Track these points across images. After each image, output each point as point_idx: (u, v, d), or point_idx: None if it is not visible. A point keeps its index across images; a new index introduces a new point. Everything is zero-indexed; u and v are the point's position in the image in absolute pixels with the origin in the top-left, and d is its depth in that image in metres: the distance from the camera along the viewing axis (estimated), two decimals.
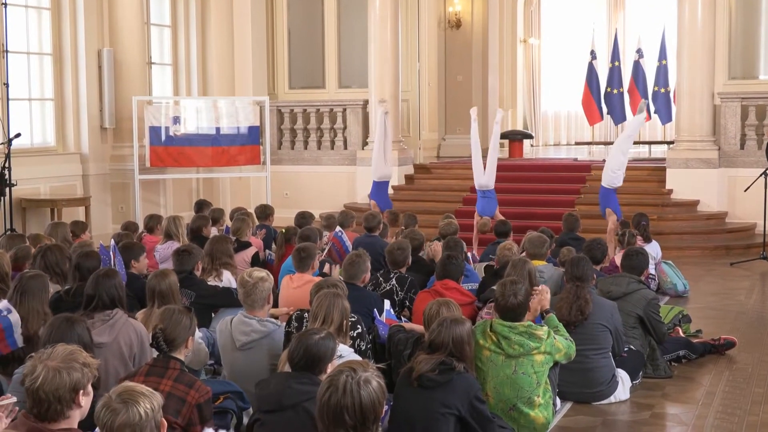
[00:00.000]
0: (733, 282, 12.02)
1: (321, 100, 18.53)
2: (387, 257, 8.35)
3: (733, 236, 14.71)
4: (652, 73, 19.63)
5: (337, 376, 3.68)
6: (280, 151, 18.47)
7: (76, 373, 3.78)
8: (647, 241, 11.22)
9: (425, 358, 5.21)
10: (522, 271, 6.96)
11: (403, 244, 8.48)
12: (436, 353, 5.21)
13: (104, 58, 15.46)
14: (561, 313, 6.73)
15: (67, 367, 3.78)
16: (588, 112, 20.26)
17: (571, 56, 26.32)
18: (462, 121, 20.70)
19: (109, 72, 15.51)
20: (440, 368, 5.15)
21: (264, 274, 6.30)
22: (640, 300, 7.52)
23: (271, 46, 19.16)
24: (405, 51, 18.36)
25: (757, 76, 16.60)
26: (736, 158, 15.44)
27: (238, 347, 6.11)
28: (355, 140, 17.97)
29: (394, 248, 8.34)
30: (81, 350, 3.93)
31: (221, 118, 15.79)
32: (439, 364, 5.16)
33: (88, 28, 15.21)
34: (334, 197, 17.39)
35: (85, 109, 15.27)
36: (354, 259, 7.41)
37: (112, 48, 15.64)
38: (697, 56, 15.34)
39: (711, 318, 9.83)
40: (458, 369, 5.17)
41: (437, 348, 5.23)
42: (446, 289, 7.37)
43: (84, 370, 3.82)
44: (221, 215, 11.68)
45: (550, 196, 16.01)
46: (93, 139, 15.40)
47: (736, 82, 16.19)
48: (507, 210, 14.23)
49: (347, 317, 5.78)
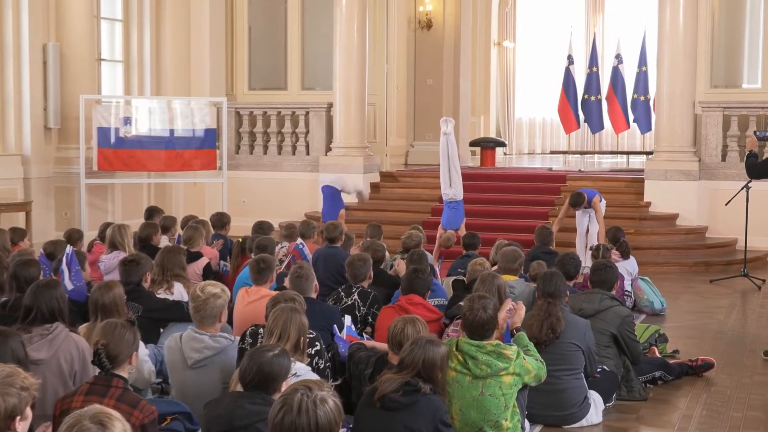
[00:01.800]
0: (713, 300, 12.11)
1: (282, 102, 18.49)
2: (347, 270, 8.33)
3: (713, 252, 14.85)
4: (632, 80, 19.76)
5: (291, 394, 3.64)
6: (238, 155, 18.40)
7: (11, 398, 3.72)
8: (625, 257, 11.28)
9: (390, 378, 5.19)
10: (491, 286, 6.96)
11: (364, 256, 8.46)
12: (403, 373, 5.19)
13: (50, 53, 15.31)
14: (531, 331, 6.73)
15: (2, 392, 3.71)
16: (564, 119, 20.34)
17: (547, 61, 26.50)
18: (432, 127, 20.73)
19: (54, 68, 15.36)
20: (405, 389, 5.13)
21: (218, 290, 6.24)
22: (614, 318, 7.54)
23: (230, 43, 19.10)
24: (372, 52, 18.37)
25: (740, 85, 16.80)
26: (717, 170, 15.59)
27: (190, 365, 6.04)
28: (318, 145, 17.94)
29: (354, 260, 8.32)
30: (19, 371, 3.86)
31: (175, 120, 15.68)
32: (404, 384, 5.14)
33: (33, 20, 15.05)
34: (295, 206, 17.33)
35: (28, 108, 15.10)
36: (298, 272, 7.37)
37: (58, 42, 15.49)
38: (678, 63, 15.49)
39: (689, 338, 9.90)
40: (424, 390, 5.15)
41: (406, 367, 5.21)
42: (412, 305, 7.35)
43: (22, 394, 3.75)
44: (173, 224, 11.57)
45: (523, 208, 16.07)
46: (36, 140, 15.23)
47: (718, 90, 16.39)
48: (477, 222, 14.27)
49: (305, 333, 5.75)
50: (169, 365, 6.27)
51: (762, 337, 9.87)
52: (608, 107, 20.05)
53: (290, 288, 7.36)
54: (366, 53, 17.47)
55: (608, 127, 21.29)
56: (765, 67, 16.27)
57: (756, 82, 16.58)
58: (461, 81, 21.30)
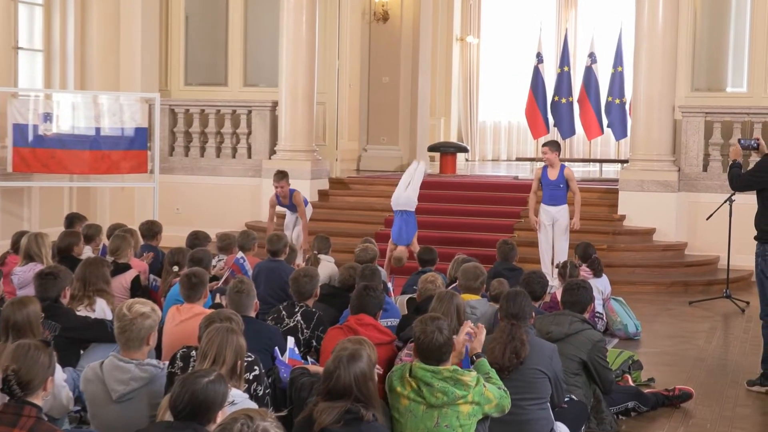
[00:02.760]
0: (692, 323, 12.22)
1: (222, 99, 18.44)
2: (291, 286, 8.30)
3: (693, 271, 14.99)
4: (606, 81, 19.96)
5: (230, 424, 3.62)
6: (172, 158, 18.31)
7: None
8: (597, 275, 11.35)
9: (327, 407, 5.16)
10: (449, 306, 6.95)
11: (311, 271, 8.43)
12: (340, 400, 5.17)
13: None
14: (494, 356, 6.72)
15: None
16: (532, 123, 20.51)
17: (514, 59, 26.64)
18: (387, 130, 20.82)
19: None
20: (345, 418, 5.11)
21: (147, 309, 6.15)
22: (584, 342, 7.57)
23: (164, 33, 19.02)
24: (323, 46, 18.38)
25: (724, 89, 16.98)
26: (698, 181, 15.75)
27: (115, 399, 5.92)
28: (261, 148, 17.91)
29: (300, 276, 8.29)
30: None
31: (102, 117, 15.58)
32: (344, 413, 5.12)
33: None
34: (234, 214, 17.29)
35: None
36: (239, 287, 7.33)
37: None
38: (656, 63, 15.65)
39: (665, 365, 9.97)
40: (367, 418, 5.14)
41: (340, 394, 5.19)
42: (361, 326, 7.33)
43: None
44: (97, 233, 11.46)
45: (485, 220, 16.13)
46: None
47: (699, 94, 16.55)
48: (433, 234, 14.32)
49: (242, 357, 5.71)
50: (88, 399, 6.09)
51: (745, 366, 9.95)
52: (580, 111, 20.25)
53: (228, 305, 7.31)
54: (315, 47, 17.47)
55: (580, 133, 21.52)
56: (751, 69, 16.42)
57: (741, 86, 16.75)
58: (420, 79, 21.37)
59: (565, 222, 13.38)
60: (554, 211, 13.45)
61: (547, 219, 13.50)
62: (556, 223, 13.45)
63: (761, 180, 9.18)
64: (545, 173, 13.49)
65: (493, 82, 27.07)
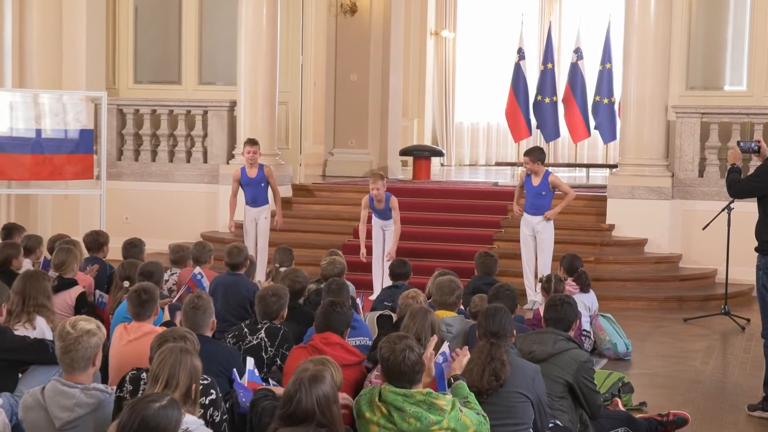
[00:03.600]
0: (687, 342, 12.27)
1: (176, 98, 18.39)
2: (257, 306, 8.28)
3: (688, 285, 15.04)
4: (594, 79, 20.06)
5: None
6: (120, 162, 18.24)
7: None
8: (585, 289, 11.37)
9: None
10: (423, 323, 6.96)
11: (280, 290, 8.41)
12: (301, 426, 5.17)
13: None
14: (471, 378, 6.72)
15: None
16: (513, 125, 20.59)
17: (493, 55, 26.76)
18: (355, 132, 20.81)
19: None
20: None
21: (93, 326, 6.13)
22: (570, 363, 7.57)
23: (111, 27, 18.95)
24: (285, 41, 18.36)
25: (722, 87, 17.02)
26: (693, 188, 15.80)
27: (58, 427, 5.89)
28: (219, 151, 17.87)
29: (267, 295, 8.27)
30: None
31: (43, 118, 15.50)
32: None
33: None
34: (189, 224, 17.25)
35: None
36: (196, 302, 7.30)
37: None
38: (648, 59, 15.71)
39: (659, 387, 10.00)
40: None
41: (301, 419, 5.19)
42: (328, 345, 7.31)
43: None
44: (37, 244, 11.44)
45: (463, 230, 16.15)
46: None
47: (695, 93, 16.55)
48: (406, 246, 14.31)
49: (197, 379, 5.69)
50: (28, 428, 6.03)
51: (746, 388, 9.97)
52: (565, 111, 20.35)
53: (183, 322, 7.29)
54: (277, 42, 17.46)
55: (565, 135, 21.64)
56: (751, 66, 16.42)
57: (740, 84, 16.78)
58: (391, 77, 21.37)
59: (546, 234, 13.42)
60: (536, 221, 13.50)
61: (528, 229, 13.54)
62: (538, 234, 13.51)
63: (762, 186, 9.19)
64: (528, 179, 13.56)
65: (470, 80, 27.17)
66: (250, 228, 14.26)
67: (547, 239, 13.46)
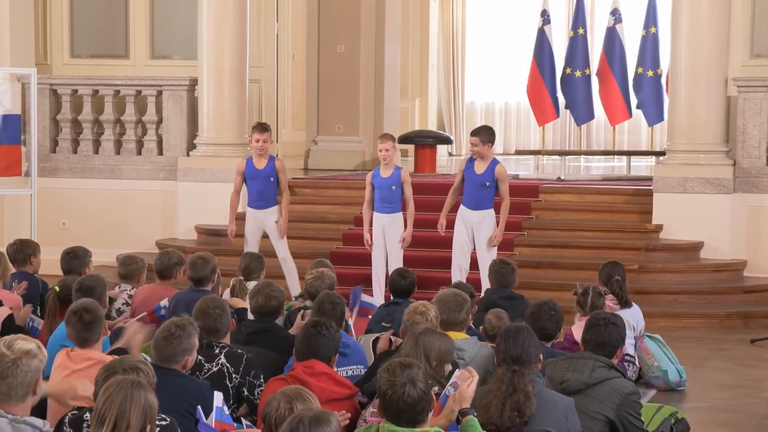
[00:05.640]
0: (755, 369, 12.25)
1: (123, 76, 18.36)
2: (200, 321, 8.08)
3: (755, 298, 15.01)
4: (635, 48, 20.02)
5: None
6: (55, 155, 18.20)
7: None
8: (624, 305, 11.34)
9: None
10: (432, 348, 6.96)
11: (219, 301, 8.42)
12: None
13: None
14: (489, 413, 6.73)
15: None
16: (536, 104, 20.52)
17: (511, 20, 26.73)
18: (343, 116, 20.75)
19: None
20: None
21: (33, 345, 6.11)
22: (611, 395, 7.57)
23: None
24: (256, 5, 18.35)
25: None
26: (760, 179, 15.67)
27: None
28: (176, 140, 17.80)
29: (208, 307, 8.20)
30: None
31: None
32: None
33: None
34: (141, 230, 17.21)
35: None
36: (171, 329, 7.28)
37: None
38: (702, 23, 15.62)
39: (721, 425, 9.99)
40: None
41: None
42: (312, 375, 7.32)
43: None
44: None
45: None
46: None
47: (761, 62, 16.44)
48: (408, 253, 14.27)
49: (153, 420, 5.69)
50: None
51: None
52: (600, 87, 20.30)
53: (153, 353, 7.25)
54: (247, 7, 17.42)
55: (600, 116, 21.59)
56: None
57: None
58: (386, 49, 21.34)
59: (487, 233, 13.33)
60: (474, 216, 13.43)
61: (464, 225, 13.47)
62: (477, 234, 13.41)
63: None
64: (470, 165, 13.48)
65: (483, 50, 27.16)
66: (251, 235, 14.13)
67: (487, 241, 13.33)
